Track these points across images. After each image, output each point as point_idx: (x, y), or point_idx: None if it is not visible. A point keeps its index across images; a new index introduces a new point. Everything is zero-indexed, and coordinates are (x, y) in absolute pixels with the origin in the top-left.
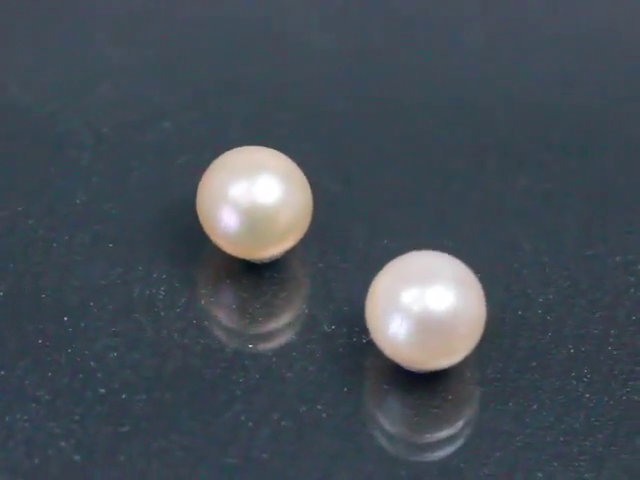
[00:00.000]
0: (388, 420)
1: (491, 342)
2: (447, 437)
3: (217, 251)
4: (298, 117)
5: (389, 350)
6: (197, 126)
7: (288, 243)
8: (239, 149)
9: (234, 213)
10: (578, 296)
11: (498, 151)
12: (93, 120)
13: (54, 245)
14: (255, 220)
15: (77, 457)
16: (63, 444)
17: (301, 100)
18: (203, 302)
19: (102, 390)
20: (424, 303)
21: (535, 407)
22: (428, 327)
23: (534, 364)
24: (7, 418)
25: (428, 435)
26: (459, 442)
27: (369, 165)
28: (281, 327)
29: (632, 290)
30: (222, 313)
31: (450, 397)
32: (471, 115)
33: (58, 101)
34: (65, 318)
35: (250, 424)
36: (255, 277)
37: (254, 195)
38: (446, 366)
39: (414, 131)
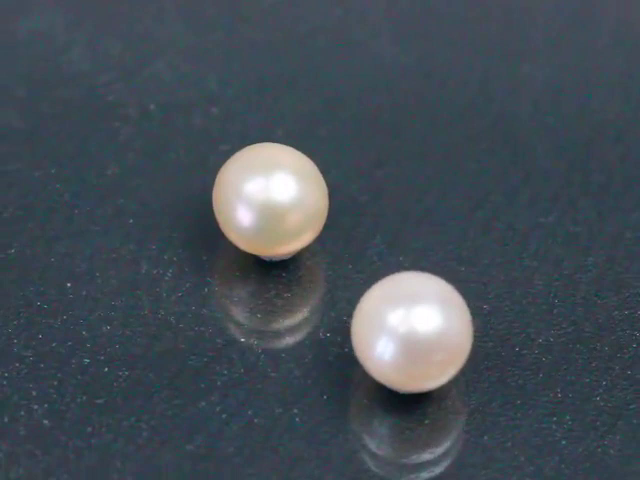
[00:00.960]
0: (367, 435)
1: (480, 373)
2: (415, 462)
3: (232, 243)
4: (345, 124)
5: (375, 373)
6: (245, 117)
7: (299, 243)
8: (258, 145)
9: (248, 209)
10: (579, 343)
11: (533, 184)
12: (143, 96)
13: (75, 212)
14: (267, 217)
15: (46, 422)
16: (36, 407)
17: (353, 108)
18: (206, 290)
19: (87, 360)
20: (410, 325)
21: (509, 445)
22: (413, 349)
23: (518, 402)
24: None
25: (397, 456)
26: (424, 468)
27: (401, 181)
28: (277, 327)
29: (634, 346)
30: (222, 304)
31: (427, 422)
32: (514, 144)
33: (113, 72)
34: (68, 284)
35: (223, 416)
36: (263, 273)
37: (269, 192)
38: (430, 389)
39: (455, 154)
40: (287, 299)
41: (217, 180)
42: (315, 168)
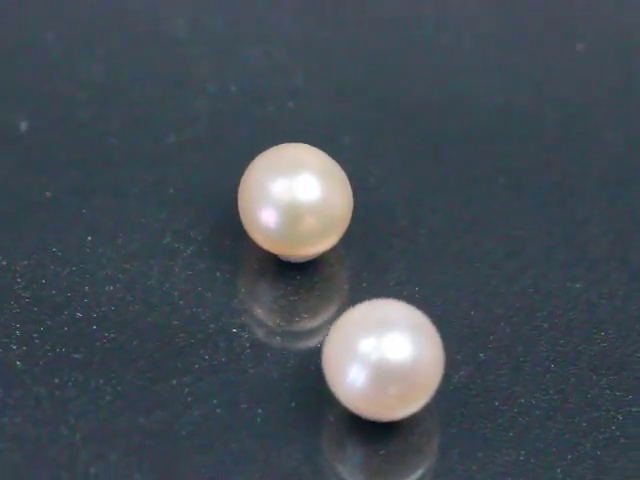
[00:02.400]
0: (318, 450)
1: (454, 417)
2: None
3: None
4: (407, 137)
5: (347, 402)
6: (317, 115)
7: (316, 247)
8: (284, 145)
9: (272, 210)
10: (559, 412)
11: (574, 247)
12: (229, 75)
13: (121, 170)
14: (290, 218)
15: (19, 363)
16: (14, 347)
17: (424, 126)
18: (218, 274)
19: (79, 314)
20: (381, 353)
21: (475, 467)
22: (385, 377)
23: (480, 454)
24: None
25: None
26: None
27: (442, 212)
28: (274, 325)
29: (612, 428)
30: (228, 291)
31: (382, 452)
32: (568, 208)
33: (207, 47)
34: (89, 238)
35: (189, 399)
36: (279, 271)
37: (293, 193)
38: (401, 417)
39: (502, 198)
40: (292, 301)
41: (243, 179)
42: (340, 170)
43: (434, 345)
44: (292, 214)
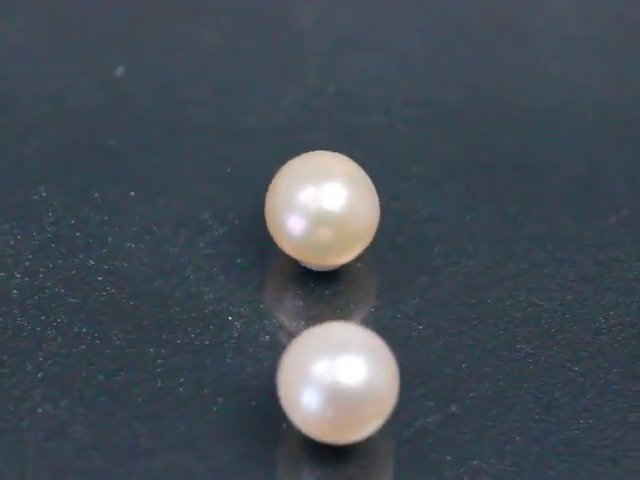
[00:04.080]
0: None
1: (413, 443)
2: None
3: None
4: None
5: (301, 425)
6: (400, 138)
7: (338, 259)
8: (312, 153)
9: (298, 218)
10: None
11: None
12: (336, 78)
13: (189, 139)
14: (317, 227)
15: (15, 292)
16: (18, 275)
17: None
18: (238, 261)
19: (91, 262)
20: (335, 375)
21: None
22: (339, 401)
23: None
24: None
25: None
26: None
27: (482, 249)
28: (271, 324)
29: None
30: (241, 280)
31: (317, 473)
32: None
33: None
34: (132, 193)
35: (157, 370)
36: (299, 275)
37: (320, 201)
38: (354, 441)
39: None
40: (300, 306)
41: (270, 187)
42: (368, 179)
43: (388, 368)
44: (318, 223)
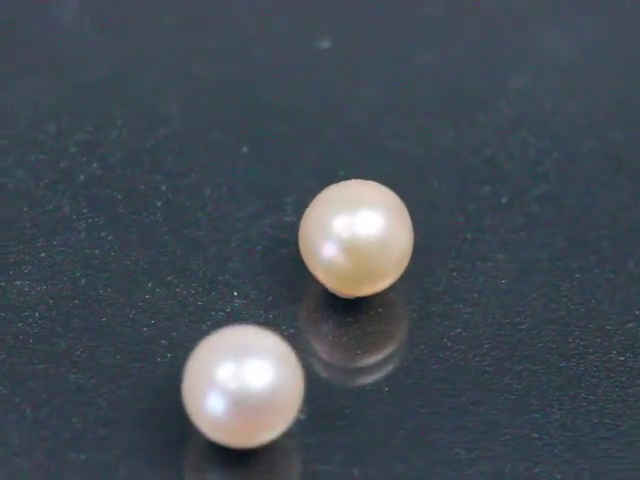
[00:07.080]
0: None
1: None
2: None
3: None
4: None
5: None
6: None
7: (368, 288)
8: (346, 182)
9: (332, 247)
10: None
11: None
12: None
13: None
14: (352, 257)
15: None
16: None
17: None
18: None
19: (85, 274)
20: (242, 379)
21: None
22: (245, 405)
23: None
24: None
25: None
26: None
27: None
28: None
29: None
30: (256, 291)
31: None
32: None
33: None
34: (171, 196)
35: (117, 367)
36: (322, 300)
37: (354, 230)
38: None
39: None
40: (312, 332)
41: (304, 215)
42: (403, 208)
43: (293, 372)
44: (353, 254)
